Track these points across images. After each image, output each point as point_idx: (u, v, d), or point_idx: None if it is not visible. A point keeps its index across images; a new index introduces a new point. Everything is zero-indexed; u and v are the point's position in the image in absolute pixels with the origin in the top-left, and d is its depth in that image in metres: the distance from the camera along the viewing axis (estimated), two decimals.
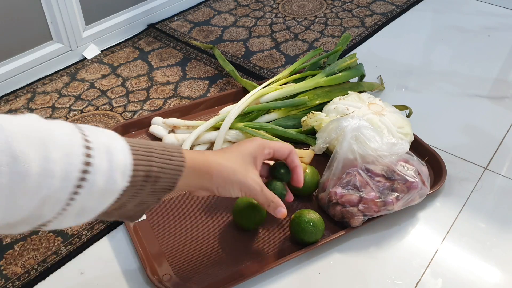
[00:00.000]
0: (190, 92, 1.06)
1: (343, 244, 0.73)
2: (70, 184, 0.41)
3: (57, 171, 0.39)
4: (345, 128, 0.74)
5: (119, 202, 0.47)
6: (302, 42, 1.22)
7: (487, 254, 0.71)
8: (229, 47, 1.22)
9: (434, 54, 1.18)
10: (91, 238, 0.74)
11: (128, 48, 1.22)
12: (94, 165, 0.42)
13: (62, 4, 1.09)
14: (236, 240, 0.73)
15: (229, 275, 0.68)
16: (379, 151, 0.72)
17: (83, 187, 0.41)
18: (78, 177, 0.41)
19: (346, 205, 0.71)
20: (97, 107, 1.02)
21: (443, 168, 0.81)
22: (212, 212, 0.77)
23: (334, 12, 1.35)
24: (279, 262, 0.67)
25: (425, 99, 1.02)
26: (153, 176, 0.48)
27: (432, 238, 0.74)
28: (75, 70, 1.14)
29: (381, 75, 1.06)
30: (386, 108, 0.84)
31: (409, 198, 0.72)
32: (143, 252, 0.70)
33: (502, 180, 0.83)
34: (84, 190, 0.41)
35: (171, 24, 1.32)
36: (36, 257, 0.72)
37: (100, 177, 0.42)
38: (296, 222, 0.69)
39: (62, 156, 0.40)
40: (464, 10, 1.35)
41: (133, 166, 0.46)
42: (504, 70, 1.11)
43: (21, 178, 0.37)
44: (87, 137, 0.43)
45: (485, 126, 0.95)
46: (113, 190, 0.44)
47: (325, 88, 0.95)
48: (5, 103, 1.04)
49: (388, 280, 0.68)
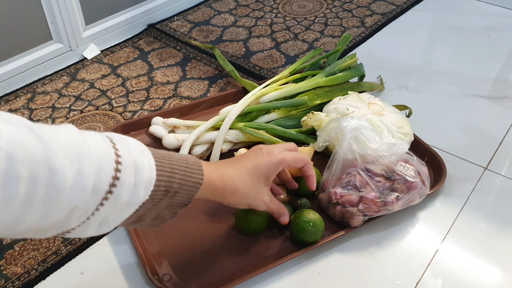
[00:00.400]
0: (190, 92, 1.06)
1: (343, 244, 0.73)
2: (99, 197, 0.43)
3: (89, 185, 0.41)
4: (344, 128, 0.74)
5: (138, 214, 0.49)
6: (302, 42, 1.22)
7: (487, 254, 0.71)
8: (229, 47, 1.22)
9: (434, 54, 1.18)
10: (91, 238, 0.74)
11: (128, 48, 1.22)
12: (121, 179, 0.44)
13: (62, 4, 1.09)
14: (236, 240, 0.73)
15: (229, 275, 0.68)
16: (379, 151, 0.72)
17: (109, 199, 0.44)
18: (106, 191, 0.43)
19: (346, 205, 0.71)
20: (97, 107, 1.02)
21: (443, 168, 0.81)
22: (212, 212, 0.77)
23: (334, 12, 1.35)
24: (279, 262, 0.67)
25: (425, 99, 1.02)
26: (172, 191, 0.50)
27: (432, 238, 0.74)
28: (75, 70, 1.14)
29: (381, 75, 1.06)
30: (386, 108, 0.84)
31: (409, 198, 0.72)
32: (143, 252, 0.70)
33: (502, 180, 0.83)
34: (109, 202, 0.44)
35: (171, 24, 1.32)
36: (36, 257, 0.72)
37: (126, 192, 0.45)
38: (296, 222, 0.69)
39: (95, 171, 0.42)
40: (464, 10, 1.35)
41: (156, 181, 0.48)
42: (504, 70, 1.11)
43: (57, 190, 0.39)
44: (118, 151, 0.45)
45: (485, 126, 0.95)
46: (134, 203, 0.47)
47: (325, 88, 0.95)
48: (5, 103, 1.04)
49: (388, 280, 0.68)
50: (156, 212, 0.51)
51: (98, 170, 0.42)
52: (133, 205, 0.47)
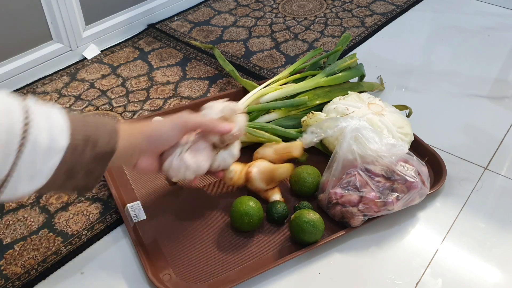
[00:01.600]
0: (190, 92, 1.06)
1: (343, 244, 0.73)
2: (15, 137, 0.46)
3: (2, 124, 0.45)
4: (344, 129, 0.74)
5: (66, 165, 0.50)
6: (302, 42, 1.22)
7: (487, 254, 0.71)
8: (229, 47, 1.22)
9: (434, 54, 1.18)
10: (91, 238, 0.74)
11: (128, 48, 1.22)
12: (33, 122, 0.47)
13: (62, 4, 1.09)
14: (236, 240, 0.73)
15: (229, 275, 0.68)
16: (379, 152, 0.72)
17: (26, 141, 0.46)
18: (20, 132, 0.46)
19: (346, 205, 0.71)
20: (97, 107, 1.02)
21: (443, 168, 0.81)
22: (212, 213, 0.77)
23: (334, 12, 1.35)
24: (279, 262, 0.67)
25: (425, 99, 1.02)
26: (92, 139, 0.52)
27: (432, 238, 0.74)
28: (75, 70, 1.14)
29: (381, 75, 1.06)
30: (386, 108, 0.84)
31: (409, 198, 0.72)
32: (143, 252, 0.70)
33: (502, 180, 0.83)
34: (28, 144, 0.46)
35: (171, 24, 1.32)
36: (36, 257, 0.72)
37: (41, 133, 0.47)
38: (296, 222, 0.69)
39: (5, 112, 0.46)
40: (464, 10, 1.35)
41: (71, 127, 0.51)
42: (504, 70, 1.11)
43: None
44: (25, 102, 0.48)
45: (485, 126, 0.95)
46: (56, 148, 0.49)
47: (325, 88, 0.95)
48: None
49: (388, 280, 0.68)
50: (85, 165, 0.53)
51: (7, 112, 0.46)
52: (55, 150, 0.49)
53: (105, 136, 0.54)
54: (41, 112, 0.49)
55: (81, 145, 0.51)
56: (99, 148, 0.53)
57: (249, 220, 0.71)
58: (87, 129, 0.53)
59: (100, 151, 0.53)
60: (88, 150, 0.52)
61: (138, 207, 0.77)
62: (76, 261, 0.72)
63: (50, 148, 0.49)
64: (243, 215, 0.71)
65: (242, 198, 0.73)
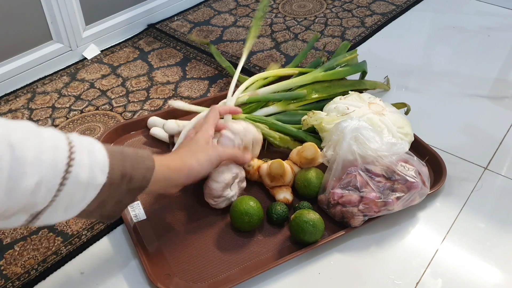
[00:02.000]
0: (190, 92, 1.06)
1: (343, 244, 0.73)
2: (59, 173, 0.47)
3: (48, 159, 0.46)
4: (344, 129, 0.74)
5: (100, 199, 0.53)
6: (302, 42, 1.22)
7: (487, 254, 0.71)
8: (229, 47, 1.22)
9: (434, 54, 1.18)
10: (91, 238, 0.74)
11: (128, 48, 1.22)
12: (76, 159, 0.49)
13: (62, 4, 1.09)
14: (236, 240, 0.73)
15: (229, 275, 0.68)
16: (379, 152, 0.72)
17: (68, 178, 0.48)
18: (64, 168, 0.48)
19: (347, 205, 0.71)
20: (97, 107, 1.02)
21: (443, 168, 0.81)
22: (212, 213, 0.77)
23: (334, 12, 1.35)
24: (279, 262, 0.67)
25: (425, 99, 1.02)
26: (128, 175, 0.55)
27: (432, 238, 0.74)
28: (75, 70, 1.14)
29: (381, 75, 1.06)
30: (386, 108, 0.84)
31: (409, 198, 0.72)
32: (143, 252, 0.70)
33: (502, 180, 0.83)
34: (70, 180, 0.48)
35: (171, 24, 1.32)
36: (36, 257, 0.72)
37: (83, 170, 0.49)
38: (296, 222, 0.69)
39: (52, 148, 0.47)
40: (464, 10, 1.35)
41: (110, 164, 0.53)
42: (504, 70, 1.11)
43: (19, 163, 0.44)
44: (70, 138, 0.50)
45: (485, 126, 0.95)
46: (94, 184, 0.51)
47: (325, 83, 0.94)
48: (5, 103, 1.04)
49: (388, 280, 0.68)
50: (117, 198, 0.55)
51: (54, 148, 0.47)
52: (93, 187, 0.51)
53: (141, 172, 0.56)
54: (83, 148, 0.51)
55: (118, 181, 0.54)
56: (133, 184, 0.56)
57: (249, 219, 0.71)
58: (125, 164, 0.55)
59: (134, 186, 0.56)
60: (123, 185, 0.55)
61: (138, 207, 0.77)
62: (76, 261, 0.71)
63: (89, 184, 0.50)
64: (243, 215, 0.71)
65: (242, 198, 0.73)
